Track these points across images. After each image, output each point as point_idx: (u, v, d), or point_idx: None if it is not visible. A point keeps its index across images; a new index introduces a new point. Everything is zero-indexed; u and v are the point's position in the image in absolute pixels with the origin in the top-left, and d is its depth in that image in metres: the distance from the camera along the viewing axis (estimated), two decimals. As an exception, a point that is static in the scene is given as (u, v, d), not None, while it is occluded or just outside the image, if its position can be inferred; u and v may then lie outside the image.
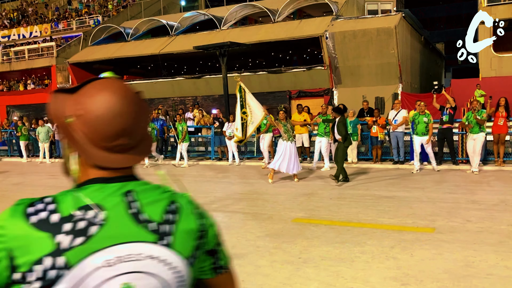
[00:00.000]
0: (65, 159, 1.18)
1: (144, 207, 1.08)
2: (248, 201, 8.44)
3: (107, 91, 1.07)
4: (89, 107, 1.05)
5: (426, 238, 5.62)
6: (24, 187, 11.19)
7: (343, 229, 6.21)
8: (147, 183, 1.15)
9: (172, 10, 33.92)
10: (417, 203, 7.65)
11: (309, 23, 23.04)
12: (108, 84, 1.09)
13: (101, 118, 1.04)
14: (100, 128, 1.04)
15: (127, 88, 1.11)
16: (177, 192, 1.19)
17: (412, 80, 22.97)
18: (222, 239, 1.28)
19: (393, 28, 19.78)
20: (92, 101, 1.05)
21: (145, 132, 1.15)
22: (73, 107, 1.07)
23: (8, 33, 34.48)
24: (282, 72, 22.98)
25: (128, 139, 1.08)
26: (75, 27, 31.97)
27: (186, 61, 29.20)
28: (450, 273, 4.45)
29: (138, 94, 1.15)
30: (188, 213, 1.16)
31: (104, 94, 1.06)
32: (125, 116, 1.06)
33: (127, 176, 1.11)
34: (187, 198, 1.20)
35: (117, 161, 1.08)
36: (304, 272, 4.64)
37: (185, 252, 1.10)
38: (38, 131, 16.88)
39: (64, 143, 1.16)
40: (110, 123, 1.05)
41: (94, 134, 1.05)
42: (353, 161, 13.01)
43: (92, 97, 1.06)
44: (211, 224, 1.22)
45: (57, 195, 1.08)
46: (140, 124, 1.11)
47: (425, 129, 11.11)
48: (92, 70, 28.76)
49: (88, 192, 1.06)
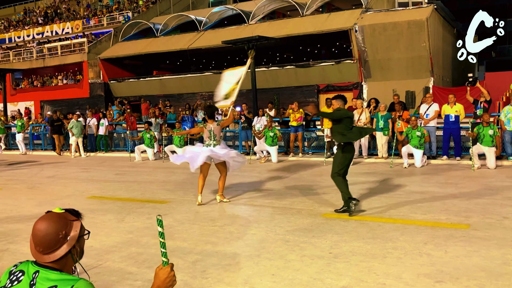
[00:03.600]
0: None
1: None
2: (276, 195, 8.41)
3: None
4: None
5: (461, 235, 5.47)
6: (57, 179, 11.47)
7: (374, 224, 6.10)
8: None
9: (200, 5, 34.10)
10: (451, 199, 7.46)
11: (338, 16, 22.77)
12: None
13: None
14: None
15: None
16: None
17: (444, 74, 22.46)
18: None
19: (425, 20, 19.34)
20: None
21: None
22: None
23: (42, 30, 35.38)
24: (310, 66, 22.82)
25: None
26: (106, 23, 32.52)
27: (214, 56, 29.34)
28: (487, 271, 4.31)
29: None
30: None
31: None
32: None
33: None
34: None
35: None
36: (335, 267, 4.58)
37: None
38: (71, 125, 17.02)
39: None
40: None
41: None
42: (383, 156, 12.81)
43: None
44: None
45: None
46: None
47: (491, 143, 10.56)
48: (123, 66, 29.22)
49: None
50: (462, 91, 15.12)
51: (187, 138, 14.80)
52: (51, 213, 1.92)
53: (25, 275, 1.86)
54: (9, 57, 33.50)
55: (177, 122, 15.46)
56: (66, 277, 1.84)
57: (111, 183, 10.53)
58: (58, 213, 1.91)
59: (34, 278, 1.84)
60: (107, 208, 7.74)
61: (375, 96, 15.21)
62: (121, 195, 9.01)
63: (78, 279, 1.83)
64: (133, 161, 14.86)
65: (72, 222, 1.92)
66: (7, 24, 39.75)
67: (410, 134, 11.27)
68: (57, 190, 9.75)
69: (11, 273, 1.91)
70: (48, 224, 1.86)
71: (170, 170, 12.52)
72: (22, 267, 1.90)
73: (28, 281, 1.84)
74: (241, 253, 5.15)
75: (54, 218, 1.88)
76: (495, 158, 10.65)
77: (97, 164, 14.64)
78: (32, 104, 31.64)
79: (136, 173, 12.09)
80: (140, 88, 27.72)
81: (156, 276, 1.99)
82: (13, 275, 1.90)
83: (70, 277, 1.85)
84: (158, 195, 8.87)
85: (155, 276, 1.99)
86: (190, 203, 7.90)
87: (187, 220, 6.72)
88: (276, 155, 13.37)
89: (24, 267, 1.90)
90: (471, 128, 11.03)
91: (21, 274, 1.88)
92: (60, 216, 1.90)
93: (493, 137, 10.57)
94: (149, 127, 15.15)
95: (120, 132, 18.53)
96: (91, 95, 29.23)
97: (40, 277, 1.83)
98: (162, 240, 2.04)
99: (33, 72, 33.50)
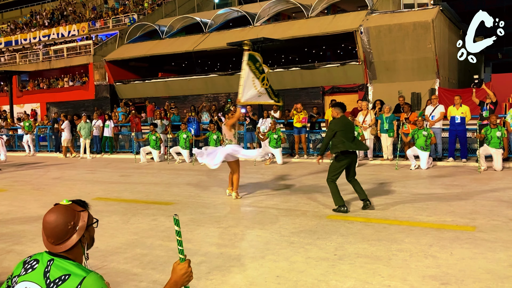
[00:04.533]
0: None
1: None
2: (281, 197, 8.40)
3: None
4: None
5: (467, 237, 5.44)
6: (63, 181, 11.51)
7: (379, 226, 6.08)
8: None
9: (205, 7, 34.15)
10: (456, 201, 7.42)
11: (343, 18, 22.74)
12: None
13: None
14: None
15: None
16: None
17: (449, 75, 22.36)
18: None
19: (430, 22, 19.28)
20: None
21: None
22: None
23: (48, 32, 35.56)
24: (316, 67, 22.78)
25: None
26: (112, 26, 32.64)
27: (219, 58, 29.36)
28: (492, 273, 4.28)
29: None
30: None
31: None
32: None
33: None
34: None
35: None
36: (339, 269, 4.56)
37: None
38: (80, 127, 17.11)
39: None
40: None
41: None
42: (388, 158, 12.77)
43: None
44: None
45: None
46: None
47: (499, 144, 10.53)
48: (128, 68, 29.30)
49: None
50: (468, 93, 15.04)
51: (192, 140, 14.83)
52: (59, 206, 1.99)
53: (39, 263, 1.93)
54: (15, 60, 33.68)
55: (182, 123, 15.48)
56: (79, 267, 1.91)
57: (116, 185, 10.55)
58: (65, 205, 1.99)
59: (48, 265, 1.90)
60: (112, 210, 7.76)
61: (380, 98, 15.17)
62: (126, 196, 9.04)
63: (89, 272, 1.89)
64: (138, 163, 14.89)
65: (79, 213, 2.00)
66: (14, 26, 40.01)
67: (416, 134, 11.22)
68: (63, 192, 9.78)
69: (26, 262, 1.98)
70: (56, 216, 1.94)
71: (175, 171, 12.54)
72: (37, 257, 1.97)
73: (43, 268, 1.90)
74: (245, 255, 5.14)
75: (62, 210, 1.96)
76: (502, 160, 10.59)
77: (103, 165, 14.69)
78: (38, 106, 31.77)
79: (141, 175, 12.12)
80: (145, 90, 27.79)
81: (174, 271, 2.07)
82: (28, 263, 1.96)
83: (83, 269, 1.91)
84: (163, 196, 8.88)
85: (173, 271, 2.08)
86: (195, 205, 7.91)
87: (192, 221, 6.72)
88: (280, 156, 13.36)
89: (38, 256, 1.97)
90: (479, 130, 10.97)
91: (36, 262, 1.94)
92: (68, 208, 1.98)
93: (500, 139, 10.51)
94: (155, 128, 15.19)
95: (125, 134, 18.59)
96: (97, 97, 29.33)
97: (54, 265, 1.90)
98: (179, 238, 2.16)
99: (39, 74, 33.66)
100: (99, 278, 1.88)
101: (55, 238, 1.94)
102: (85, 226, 1.99)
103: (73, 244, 1.95)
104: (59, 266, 1.89)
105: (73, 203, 2.02)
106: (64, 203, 2.00)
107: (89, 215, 2.07)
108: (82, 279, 1.84)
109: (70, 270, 1.88)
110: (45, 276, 1.88)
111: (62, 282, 1.84)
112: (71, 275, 1.86)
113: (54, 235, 1.93)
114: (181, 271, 2.06)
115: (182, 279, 2.06)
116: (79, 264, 1.94)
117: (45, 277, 1.87)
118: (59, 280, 1.85)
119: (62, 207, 1.98)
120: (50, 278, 1.87)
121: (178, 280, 2.05)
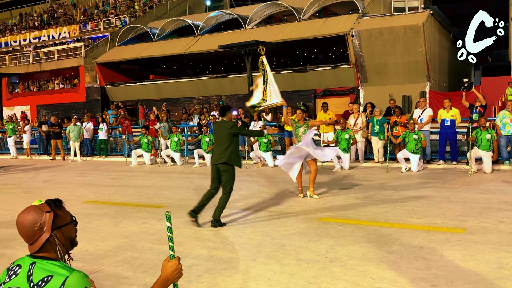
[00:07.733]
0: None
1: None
2: (272, 199, 8.40)
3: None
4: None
5: (457, 239, 5.48)
6: (53, 184, 11.42)
7: (370, 228, 6.10)
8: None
9: (197, 10, 34.12)
10: (447, 203, 7.47)
11: (335, 21, 22.84)
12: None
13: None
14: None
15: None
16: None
17: (440, 79, 22.53)
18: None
19: (421, 25, 19.42)
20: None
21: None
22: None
23: (39, 34, 35.31)
24: (307, 70, 22.84)
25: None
26: (103, 28, 32.49)
27: (211, 61, 29.35)
28: (482, 275, 4.31)
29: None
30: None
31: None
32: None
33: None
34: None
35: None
36: (330, 271, 4.57)
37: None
38: (69, 129, 17.03)
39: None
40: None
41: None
42: (379, 161, 12.82)
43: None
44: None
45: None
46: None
47: (489, 147, 10.59)
48: (119, 70, 29.19)
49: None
50: (458, 96, 15.18)
51: (183, 143, 14.78)
52: (29, 207, 2.00)
53: (22, 268, 1.93)
54: (5, 61, 33.41)
55: (173, 126, 15.42)
56: (62, 267, 1.90)
57: (107, 188, 10.49)
58: (34, 206, 1.98)
59: (31, 269, 1.91)
60: (102, 213, 7.71)
61: (371, 101, 15.25)
62: (117, 199, 8.98)
63: (72, 271, 1.88)
64: (129, 166, 14.82)
65: (46, 213, 1.97)
66: (3, 28, 39.68)
67: (407, 137, 11.30)
68: (53, 195, 9.70)
69: (9, 269, 1.98)
70: (24, 218, 1.95)
71: (166, 174, 12.50)
72: (19, 262, 1.97)
73: (26, 272, 1.91)
74: (237, 258, 5.14)
75: (30, 211, 1.96)
76: (491, 163, 10.68)
77: (93, 168, 14.60)
78: (29, 109, 31.50)
79: (132, 178, 12.06)
80: (136, 92, 27.69)
81: (164, 268, 2.07)
82: (11, 270, 1.96)
83: (66, 268, 1.90)
84: (154, 199, 8.84)
85: (163, 268, 2.08)
86: (186, 208, 7.88)
87: (183, 224, 6.70)
88: (271, 160, 13.36)
89: (20, 261, 1.97)
90: (469, 133, 11.06)
91: (18, 268, 1.94)
92: (36, 208, 1.96)
93: (490, 142, 10.60)
94: (147, 131, 15.12)
95: (116, 137, 18.51)
96: (88, 100, 29.16)
97: (36, 267, 1.90)
98: (170, 235, 2.14)
99: (30, 77, 33.42)
100: (82, 276, 1.87)
101: (26, 239, 1.96)
102: (50, 227, 1.94)
103: (42, 244, 1.93)
104: (41, 268, 1.90)
105: (44, 204, 2.00)
106: (36, 203, 1.99)
107: (62, 215, 2.02)
108: (65, 278, 1.84)
109: (53, 270, 1.88)
110: (29, 279, 1.88)
111: (45, 284, 1.85)
112: (54, 275, 1.86)
113: (24, 236, 1.95)
114: (172, 268, 2.06)
115: (172, 276, 2.06)
116: (63, 264, 1.93)
117: (29, 281, 1.88)
118: (42, 282, 1.86)
119: (31, 208, 1.97)
120: (33, 281, 1.87)
121: (168, 276, 2.05)
